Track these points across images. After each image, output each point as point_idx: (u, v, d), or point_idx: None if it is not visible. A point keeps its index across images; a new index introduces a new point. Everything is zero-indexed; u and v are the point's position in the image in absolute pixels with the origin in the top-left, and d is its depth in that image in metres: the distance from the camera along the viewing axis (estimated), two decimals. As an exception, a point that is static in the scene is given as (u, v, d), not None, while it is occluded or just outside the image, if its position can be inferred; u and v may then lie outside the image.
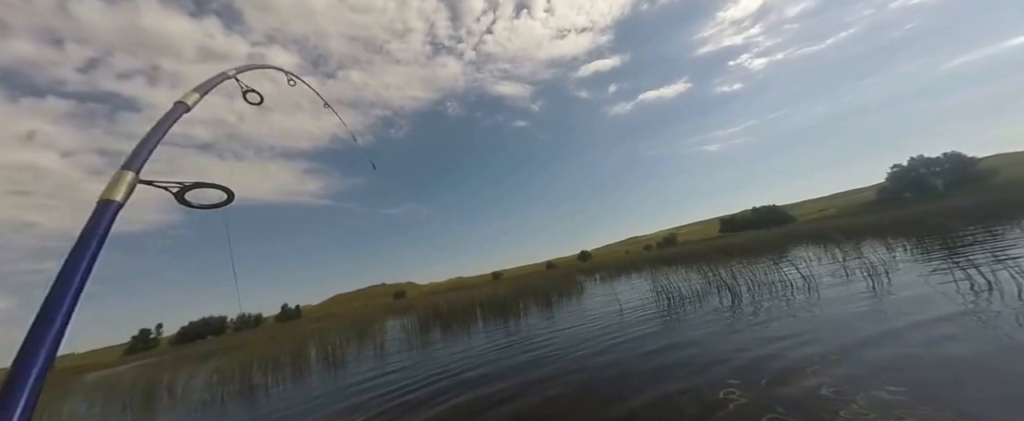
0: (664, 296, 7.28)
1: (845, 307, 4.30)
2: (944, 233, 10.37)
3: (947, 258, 6.40)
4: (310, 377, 6.73)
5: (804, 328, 3.74)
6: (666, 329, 4.81)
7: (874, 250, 8.68)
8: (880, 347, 2.91)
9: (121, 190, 0.72)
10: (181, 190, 0.86)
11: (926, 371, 2.38)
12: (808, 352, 3.05)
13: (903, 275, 5.60)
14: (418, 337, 8.89)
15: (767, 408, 2.27)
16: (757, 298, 5.72)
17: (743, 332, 4.04)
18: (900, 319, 3.49)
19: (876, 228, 15.10)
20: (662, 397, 2.73)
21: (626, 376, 3.34)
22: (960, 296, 3.95)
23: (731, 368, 3.03)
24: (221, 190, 0.91)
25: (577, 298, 11.00)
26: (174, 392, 8.03)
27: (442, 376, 4.70)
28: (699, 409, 2.44)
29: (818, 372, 2.62)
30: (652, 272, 13.83)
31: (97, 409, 8.03)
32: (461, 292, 21.59)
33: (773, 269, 8.14)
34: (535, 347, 5.32)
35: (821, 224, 28.70)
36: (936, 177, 53.94)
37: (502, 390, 3.61)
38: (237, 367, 8.21)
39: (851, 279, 5.97)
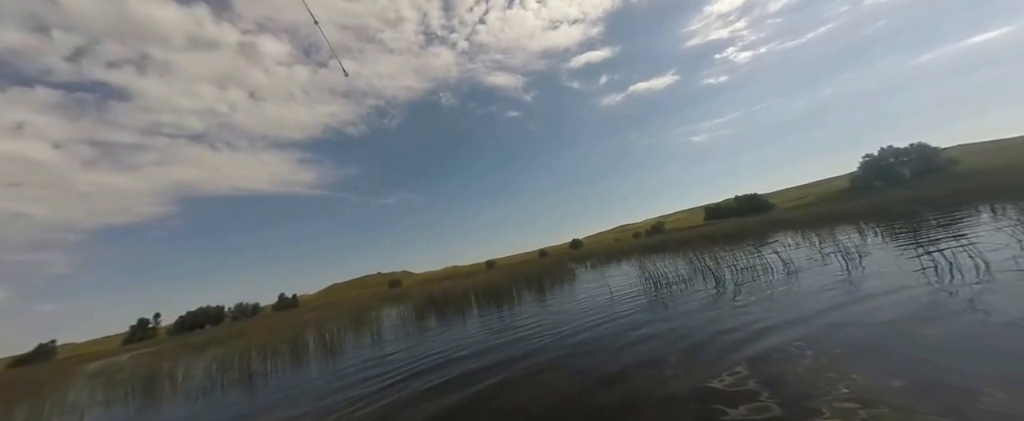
0: (652, 282, 7.41)
1: (822, 290, 4.44)
2: (911, 218, 10.78)
3: (914, 241, 6.64)
4: (308, 364, 6.75)
5: (783, 310, 3.85)
6: (653, 314, 4.92)
7: (848, 235, 8.98)
8: (855, 327, 3.02)
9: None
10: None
11: (899, 348, 2.48)
12: (789, 334, 3.15)
13: (875, 259, 5.79)
14: (414, 324, 8.93)
15: (753, 392, 2.35)
16: (739, 282, 5.87)
17: (726, 315, 4.15)
18: (872, 301, 3.62)
19: (850, 215, 15.54)
20: (651, 379, 2.80)
21: (615, 359, 3.41)
22: (924, 276, 4.12)
23: (716, 351, 3.12)
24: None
25: (569, 285, 11.14)
26: (174, 380, 7.97)
27: (437, 362, 4.74)
28: (688, 391, 2.51)
29: (799, 354, 2.71)
30: (640, 259, 14.07)
31: (99, 397, 7.94)
32: (456, 280, 21.68)
33: (755, 254, 8.34)
34: (528, 333, 5.39)
35: (799, 212, 29.40)
36: (904, 166, 55.41)
37: (495, 374, 3.66)
38: (236, 355, 8.16)
39: (827, 263, 6.15)
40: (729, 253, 9.77)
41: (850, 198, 42.55)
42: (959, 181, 33.53)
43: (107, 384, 9.20)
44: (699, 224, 74.16)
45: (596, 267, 16.23)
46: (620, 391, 2.66)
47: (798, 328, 3.22)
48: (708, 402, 2.23)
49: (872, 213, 15.26)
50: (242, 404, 4.71)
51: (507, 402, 2.89)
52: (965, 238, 5.43)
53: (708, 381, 2.50)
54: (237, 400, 4.98)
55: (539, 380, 3.24)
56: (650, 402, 2.39)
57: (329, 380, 5.04)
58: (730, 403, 2.17)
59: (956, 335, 2.52)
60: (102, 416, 6.20)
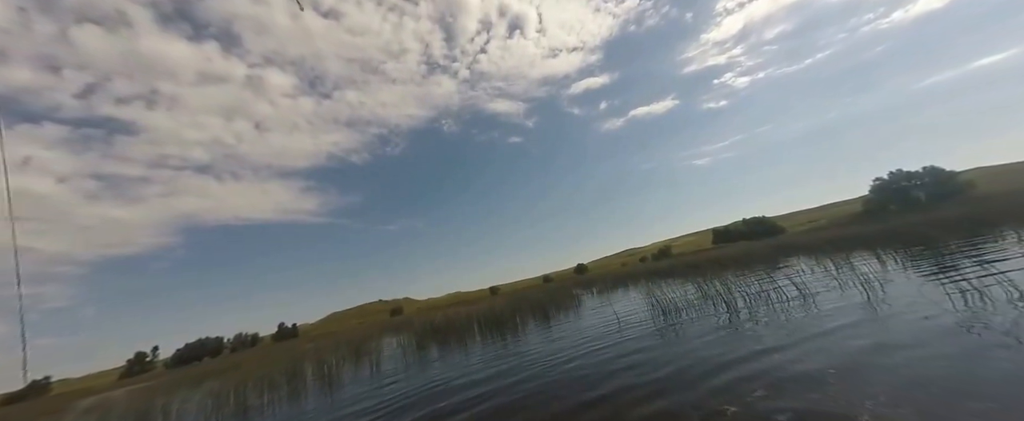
0: (660, 309, 7.18)
1: (841, 318, 4.24)
2: (931, 244, 10.45)
3: (937, 268, 6.40)
4: (306, 398, 6.50)
5: (805, 341, 3.68)
6: (664, 344, 4.72)
7: (866, 261, 8.69)
8: (884, 359, 2.85)
9: None
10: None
11: (935, 383, 2.33)
12: (812, 365, 2.98)
13: (896, 286, 5.55)
14: (414, 355, 8.66)
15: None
16: (753, 309, 5.65)
17: (740, 343, 3.97)
18: (900, 331, 3.44)
19: (865, 240, 15.17)
20: (665, 414, 2.65)
21: (626, 392, 3.25)
22: (951, 304, 3.93)
23: (731, 380, 2.96)
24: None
25: (575, 313, 10.83)
26: (168, 416, 7.69)
27: (435, 395, 4.55)
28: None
29: (824, 387, 2.56)
30: (648, 284, 13.74)
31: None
32: (459, 308, 21.24)
33: (767, 280, 8.10)
34: (531, 365, 5.18)
35: (811, 236, 28.87)
36: (919, 190, 54.72)
37: (495, 409, 3.49)
38: (232, 389, 7.93)
39: (845, 290, 5.90)
40: (741, 278, 9.52)
41: (863, 222, 41.79)
42: (978, 205, 32.92)
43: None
44: (707, 248, 72.90)
45: (602, 293, 15.84)
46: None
47: (820, 357, 3.06)
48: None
49: (889, 238, 14.88)
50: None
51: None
52: (992, 264, 5.22)
53: (724, 412, 2.36)
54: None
55: (541, 415, 3.07)
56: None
57: (326, 414, 4.84)
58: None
59: (998, 368, 2.36)
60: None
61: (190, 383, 14.74)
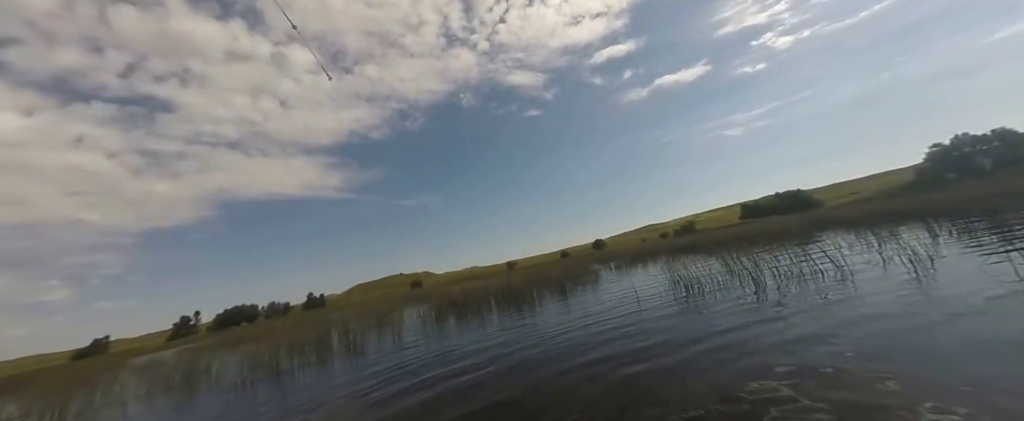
0: (682, 285, 7.09)
1: (883, 297, 3.99)
2: (997, 215, 9.56)
3: (1004, 243, 5.86)
4: (333, 363, 7.00)
5: (837, 320, 3.54)
6: (685, 320, 4.68)
7: (915, 235, 8.09)
8: (936, 341, 2.68)
9: None
10: None
11: (1000, 375, 2.20)
12: (853, 348, 2.87)
13: (949, 263, 5.08)
14: (434, 326, 9.06)
15: (798, 410, 2.17)
16: (783, 287, 5.45)
17: (768, 323, 3.87)
18: (949, 312, 3.19)
19: (916, 212, 14.15)
20: (678, 390, 2.66)
21: (638, 368, 3.27)
22: (1020, 284, 3.60)
23: (756, 363, 2.91)
24: None
25: (591, 288, 10.91)
26: (210, 375, 8.53)
27: (453, 364, 4.77)
28: (723, 407, 2.36)
29: (856, 369, 2.48)
30: (668, 261, 13.56)
31: (142, 391, 8.65)
32: (476, 282, 21.85)
33: (800, 257, 7.78)
34: (544, 338, 5.30)
35: (852, 209, 27.20)
36: (984, 156, 49.98)
37: (507, 378, 3.62)
38: (266, 353, 8.65)
39: (889, 267, 5.54)
40: (770, 255, 9.20)
41: (915, 193, 38.82)
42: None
43: (151, 378, 10.02)
44: (734, 223, 70.65)
45: (620, 269, 15.81)
46: (643, 401, 2.53)
47: (854, 340, 2.93)
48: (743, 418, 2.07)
49: (945, 210, 13.78)
50: (270, 400, 4.95)
51: (514, 408, 2.83)
52: None
53: (743, 394, 2.34)
54: (266, 396, 5.24)
55: (552, 387, 3.16)
56: (675, 414, 2.26)
57: (350, 379, 5.20)
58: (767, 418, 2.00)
59: None
60: (143, 408, 6.75)
61: (229, 346, 16.21)
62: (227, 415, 4.62)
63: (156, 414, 5.89)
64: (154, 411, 6.17)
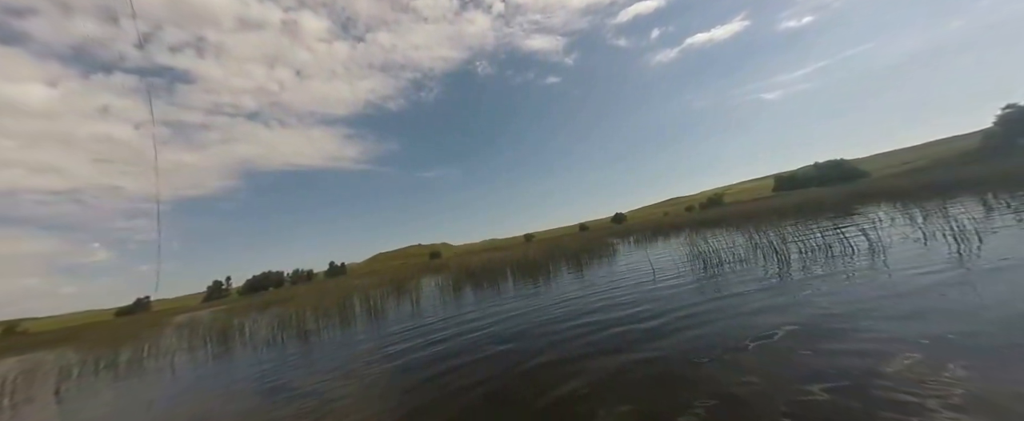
0: (701, 260, 7.05)
1: (919, 276, 3.84)
2: None
3: None
4: (355, 325, 7.53)
5: (859, 301, 3.49)
6: (699, 295, 4.70)
7: (968, 210, 7.60)
8: (962, 326, 2.61)
9: None
10: None
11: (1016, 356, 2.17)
12: (873, 332, 2.85)
13: (1001, 240, 4.74)
14: (452, 295, 9.47)
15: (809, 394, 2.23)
16: (809, 265, 5.32)
17: (784, 303, 3.85)
18: (989, 292, 3.09)
19: (974, 182, 13.16)
20: (684, 367, 2.75)
21: (646, 344, 3.38)
22: None
23: (765, 342, 2.96)
24: None
25: (608, 261, 11.00)
26: (243, 333, 9.38)
27: (469, 330, 5.05)
28: (730, 384, 2.45)
29: (876, 354, 2.48)
30: (691, 235, 13.38)
31: (185, 344, 9.65)
32: (494, 253, 22.34)
33: (833, 231, 7.52)
34: (559, 309, 5.49)
35: (901, 180, 25.51)
36: (1068, 119, 44.99)
37: (518, 349, 3.82)
38: (293, 315, 9.38)
39: (930, 244, 5.25)
40: (801, 229, 8.92)
41: (978, 162, 35.71)
42: None
43: (191, 334, 11.12)
44: (766, 196, 68.06)
45: (639, 243, 15.76)
46: (644, 373, 2.65)
47: (873, 324, 2.90)
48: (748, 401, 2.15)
49: (1008, 181, 12.75)
50: (299, 356, 5.45)
51: (524, 375, 3.02)
52: None
53: (744, 381, 2.40)
54: (294, 352, 5.76)
55: (560, 352, 3.33)
56: (680, 392, 2.37)
57: (372, 340, 5.62)
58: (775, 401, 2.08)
59: None
60: (187, 358, 7.58)
61: (259, 308, 17.58)
62: (260, 365, 5.13)
63: (198, 364, 6.60)
64: (196, 361, 6.90)
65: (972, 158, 46.93)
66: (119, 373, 7.45)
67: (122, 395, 5.39)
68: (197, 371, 6.04)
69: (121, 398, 5.22)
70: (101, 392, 5.90)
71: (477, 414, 2.48)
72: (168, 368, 6.94)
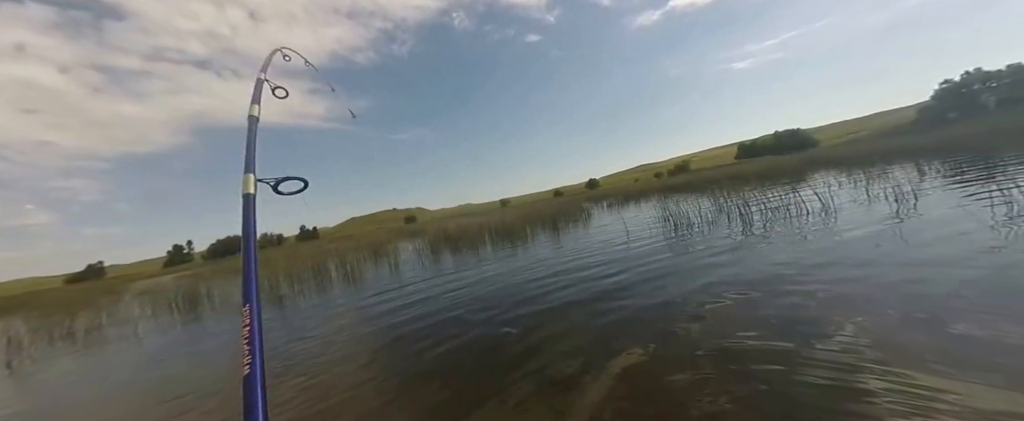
0: (671, 223, 7.34)
1: (863, 232, 4.23)
2: (989, 155, 9.81)
3: (988, 181, 6.02)
4: (332, 290, 7.38)
5: (814, 253, 3.76)
6: (671, 254, 4.92)
7: (905, 174, 8.36)
8: (893, 275, 2.91)
9: (251, 186, 1.11)
10: (276, 182, 1.20)
11: (941, 302, 2.40)
12: (817, 276, 3.09)
13: (931, 200, 5.32)
14: (430, 258, 9.43)
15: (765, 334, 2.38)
16: (768, 224, 5.69)
17: (749, 257, 4.10)
18: (922, 245, 3.42)
19: (908, 152, 14.35)
20: (663, 318, 2.89)
21: (623, 299, 3.51)
22: (992, 218, 3.81)
23: (731, 293, 3.14)
24: (300, 180, 1.24)
25: (583, 225, 11.25)
26: (213, 299, 8.99)
27: (450, 291, 5.07)
28: (704, 334, 2.58)
29: (821, 296, 2.69)
30: (660, 200, 13.87)
31: (148, 312, 9.15)
32: (470, 218, 22.32)
33: (789, 195, 8.01)
34: (538, 270, 5.60)
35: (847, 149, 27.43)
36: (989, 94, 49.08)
37: (500, 306, 3.88)
38: (265, 279, 9.04)
39: (873, 204, 5.79)
40: (761, 194, 9.45)
41: (913, 133, 38.83)
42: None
43: (155, 301, 10.54)
44: (730, 163, 71.34)
45: (613, 207, 16.20)
46: (623, 323, 2.77)
47: (828, 271, 3.15)
48: (718, 359, 2.29)
49: (937, 150, 14.01)
50: (275, 320, 5.29)
51: (508, 332, 3.09)
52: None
53: (716, 336, 2.55)
54: (270, 317, 5.59)
55: (541, 310, 3.42)
56: (650, 357, 2.48)
57: (351, 305, 5.54)
58: (740, 358, 2.22)
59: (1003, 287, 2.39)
60: (152, 328, 7.20)
61: (228, 274, 16.86)
62: (234, 331, 4.96)
63: (165, 333, 6.30)
64: (163, 330, 6.58)
65: (908, 129, 50.84)
66: (78, 343, 7.00)
67: (85, 365, 5.09)
68: (165, 338, 5.77)
69: (85, 368, 4.93)
70: (60, 362, 5.55)
71: (460, 368, 2.52)
72: (133, 336, 6.58)
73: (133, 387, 3.71)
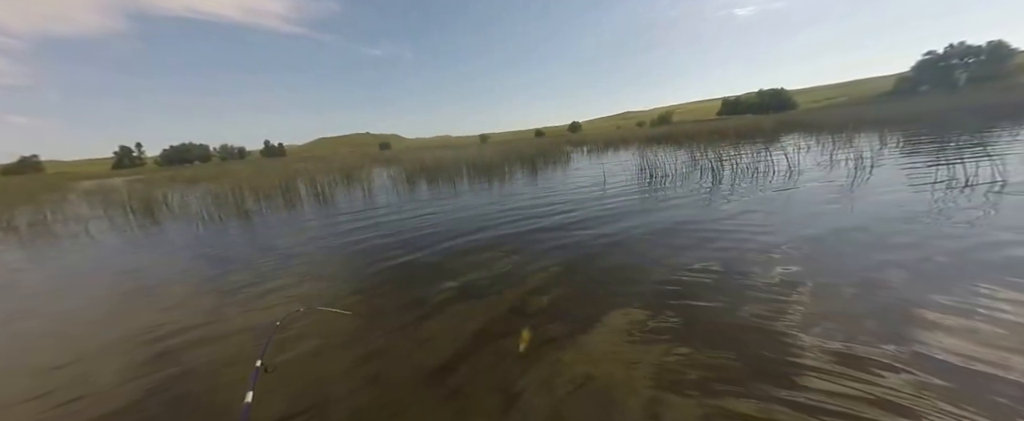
0: (647, 173, 7.45)
1: (818, 194, 4.52)
2: (948, 129, 10.48)
3: (939, 154, 6.48)
4: (302, 209, 7.16)
5: (770, 211, 3.99)
6: (641, 202, 5.06)
7: (868, 142, 8.86)
8: (833, 233, 3.15)
9: None
10: None
11: (869, 256, 2.66)
12: (768, 238, 3.28)
13: (886, 169, 5.70)
14: (405, 188, 9.23)
15: (711, 282, 2.58)
16: (736, 181, 5.91)
17: (712, 210, 4.30)
18: (863, 212, 3.69)
19: (878, 121, 14.91)
20: (621, 259, 3.06)
21: (591, 240, 3.65)
22: (931, 189, 4.22)
23: (690, 241, 3.33)
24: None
25: (562, 168, 11.22)
26: (172, 207, 8.52)
27: (425, 221, 5.08)
28: (654, 275, 2.76)
29: (770, 258, 2.91)
30: (640, 150, 13.91)
31: (99, 212, 8.60)
32: (447, 151, 21.52)
33: (761, 154, 8.27)
34: (514, 207, 5.66)
35: (822, 113, 28.04)
36: (962, 70, 50.35)
37: (471, 238, 3.96)
38: (229, 192, 8.57)
39: (834, 169, 6.14)
40: (735, 151, 9.67)
41: (886, 102, 40.07)
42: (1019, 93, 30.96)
43: (105, 202, 9.85)
44: (711, 118, 71.49)
45: (593, 153, 16.15)
46: (586, 268, 2.93)
47: (777, 231, 3.35)
48: (667, 285, 2.48)
49: (903, 120, 14.69)
50: (244, 235, 5.15)
51: (476, 262, 3.20)
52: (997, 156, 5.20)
53: (673, 267, 2.73)
54: (238, 232, 5.42)
55: (514, 245, 3.53)
56: (615, 281, 2.65)
57: (324, 225, 5.44)
58: (687, 288, 2.42)
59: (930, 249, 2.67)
60: (106, 228, 6.81)
61: (185, 182, 15.81)
62: (200, 244, 4.81)
63: (121, 234, 6.00)
64: (118, 231, 6.25)
65: (882, 98, 52.20)
66: (22, 236, 6.57)
67: (32, 259, 4.84)
68: (123, 240, 5.52)
69: (34, 259, 4.68)
70: (2, 252, 5.24)
71: (429, 289, 2.61)
72: (84, 235, 6.23)
73: (87, 279, 3.60)
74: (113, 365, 2.05)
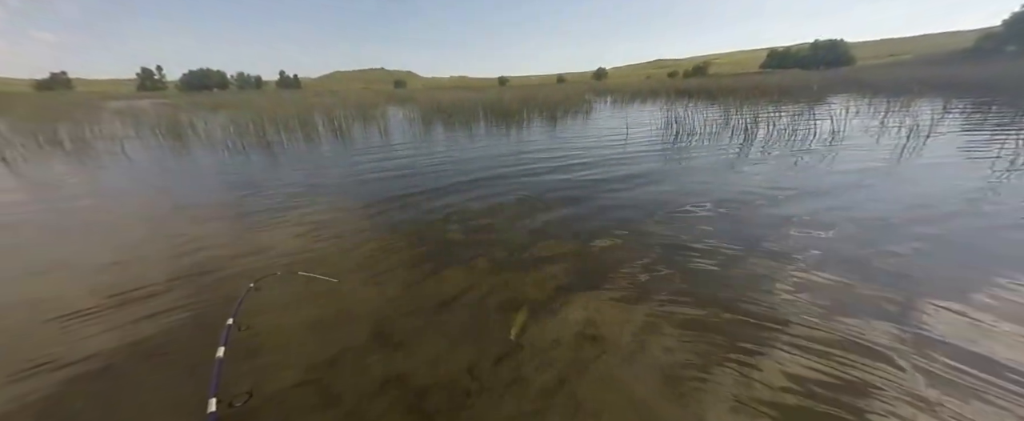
0: (673, 130, 7.01)
1: (855, 168, 4.07)
2: (1019, 100, 8.92)
3: (1009, 128, 5.65)
4: (321, 143, 7.23)
5: (797, 182, 3.74)
6: (663, 163, 4.79)
7: (929, 109, 7.78)
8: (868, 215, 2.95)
9: None
10: None
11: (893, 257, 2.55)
12: (786, 208, 3.12)
13: (943, 142, 5.03)
14: (421, 129, 9.09)
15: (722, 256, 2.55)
16: (769, 147, 5.35)
17: (735, 177, 4.07)
18: (902, 188, 3.42)
19: (945, 84, 13.13)
20: (628, 222, 3.03)
21: (602, 200, 3.60)
22: (990, 167, 3.78)
23: (701, 209, 3.24)
24: None
25: (583, 117, 10.70)
26: (198, 132, 8.73)
27: (442, 164, 5.07)
28: (661, 242, 2.74)
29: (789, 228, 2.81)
30: (669, 103, 12.96)
31: (132, 133, 8.92)
32: (464, 93, 20.57)
33: (803, 116, 7.60)
34: (529, 156, 5.54)
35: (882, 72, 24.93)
36: (1062, 29, 43.06)
37: (483, 186, 3.96)
38: (250, 122, 8.66)
39: (883, 138, 5.46)
40: (774, 110, 8.92)
41: (961, 63, 34.72)
42: None
43: (136, 123, 10.16)
44: (753, 71, 65.11)
45: (617, 104, 15.19)
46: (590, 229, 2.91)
47: (800, 203, 3.14)
48: (675, 254, 2.46)
49: (977, 85, 12.73)
50: (269, 166, 5.29)
51: (483, 212, 3.23)
52: None
53: (680, 236, 2.69)
54: (263, 162, 5.57)
55: (528, 194, 3.53)
56: (618, 247, 2.65)
57: (342, 160, 5.52)
58: (695, 257, 2.41)
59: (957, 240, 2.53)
60: (140, 147, 7.11)
61: (207, 108, 15.95)
62: (230, 173, 4.99)
63: (155, 156, 6.25)
64: (152, 154, 6.50)
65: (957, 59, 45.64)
66: (67, 151, 6.95)
67: (80, 170, 5.17)
68: (158, 162, 5.77)
69: (81, 172, 5.01)
70: (54, 166, 5.61)
71: (450, 235, 2.70)
72: (121, 153, 6.53)
73: (135, 196, 3.86)
74: (152, 267, 2.26)
